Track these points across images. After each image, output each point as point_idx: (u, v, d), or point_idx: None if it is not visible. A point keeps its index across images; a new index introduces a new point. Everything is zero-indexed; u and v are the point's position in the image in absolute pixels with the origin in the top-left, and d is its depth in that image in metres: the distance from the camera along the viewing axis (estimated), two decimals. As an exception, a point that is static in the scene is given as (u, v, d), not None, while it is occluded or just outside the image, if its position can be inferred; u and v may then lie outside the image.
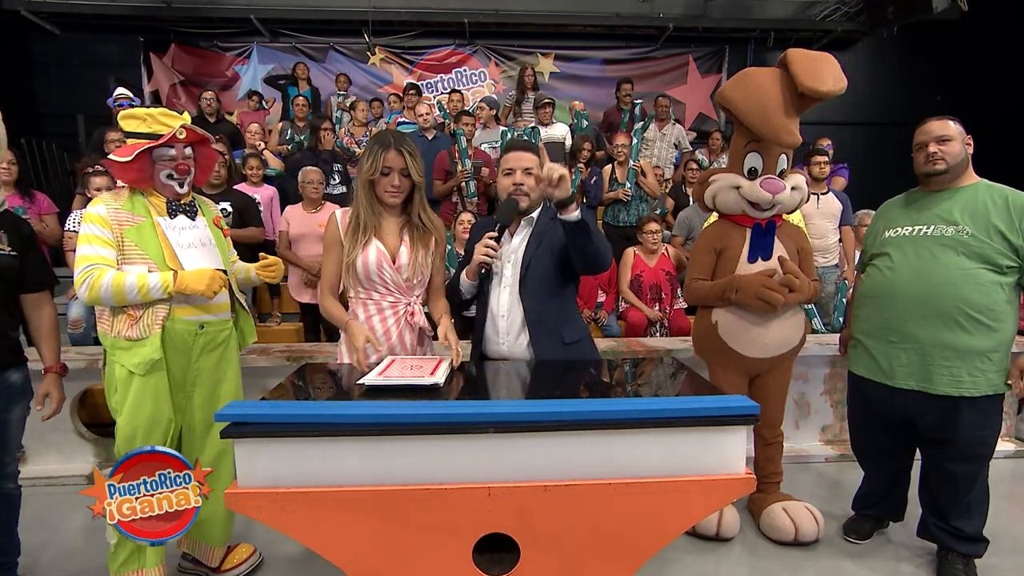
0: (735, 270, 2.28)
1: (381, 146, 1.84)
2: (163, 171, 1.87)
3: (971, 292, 1.91)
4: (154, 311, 1.83)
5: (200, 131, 1.93)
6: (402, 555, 1.35)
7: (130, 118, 1.85)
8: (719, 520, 2.33)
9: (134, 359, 1.82)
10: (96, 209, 1.82)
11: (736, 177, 2.27)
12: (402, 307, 1.94)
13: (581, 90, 7.85)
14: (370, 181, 1.86)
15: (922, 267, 1.99)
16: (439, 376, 1.55)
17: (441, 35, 7.69)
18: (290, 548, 2.31)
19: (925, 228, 2.04)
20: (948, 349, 1.95)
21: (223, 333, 2.01)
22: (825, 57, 2.08)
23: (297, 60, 7.49)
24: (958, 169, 2.03)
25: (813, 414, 3.32)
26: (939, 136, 2.02)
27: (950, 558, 2.11)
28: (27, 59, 7.36)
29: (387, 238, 1.91)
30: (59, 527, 2.52)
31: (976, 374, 1.94)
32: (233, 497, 1.30)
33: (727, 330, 2.30)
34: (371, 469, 1.31)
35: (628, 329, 4.04)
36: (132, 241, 1.83)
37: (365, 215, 1.87)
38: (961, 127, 2.04)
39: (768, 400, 2.36)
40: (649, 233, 4.13)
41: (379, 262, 1.87)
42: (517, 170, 1.95)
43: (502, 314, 1.96)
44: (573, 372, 1.87)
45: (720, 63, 8.05)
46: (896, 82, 8.21)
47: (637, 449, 1.33)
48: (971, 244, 1.93)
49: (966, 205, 1.98)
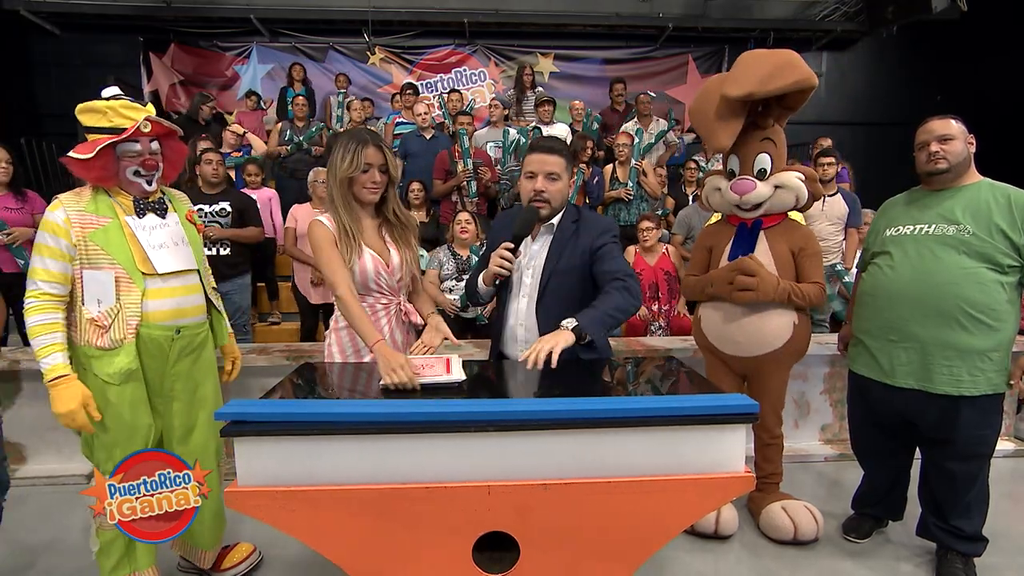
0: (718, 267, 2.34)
1: (358, 142, 1.79)
2: (129, 168, 1.76)
3: (972, 291, 1.91)
4: (125, 319, 1.73)
5: (166, 124, 1.81)
6: (402, 554, 1.35)
7: (89, 112, 1.73)
8: (717, 518, 2.34)
9: (108, 368, 1.73)
10: (54, 215, 1.69)
11: (719, 179, 2.37)
12: (394, 307, 1.95)
13: (581, 90, 7.85)
14: (349, 179, 1.81)
15: (923, 266, 1.99)
16: (456, 373, 1.55)
17: (441, 35, 7.69)
18: (290, 547, 2.31)
19: (927, 227, 2.03)
20: (949, 348, 1.94)
21: (199, 336, 1.93)
22: (768, 56, 2.11)
23: (296, 60, 7.50)
24: (960, 168, 2.02)
25: (813, 414, 3.32)
26: (941, 135, 2.01)
27: (949, 557, 2.11)
28: (27, 59, 7.36)
29: (369, 240, 1.88)
30: (59, 526, 2.51)
31: (976, 373, 1.94)
32: (233, 496, 1.30)
33: (707, 326, 2.40)
34: (371, 468, 1.31)
35: (628, 329, 4.04)
36: (98, 245, 1.71)
37: (347, 220, 1.82)
38: (963, 126, 2.03)
39: (763, 400, 2.34)
40: (643, 231, 4.16)
41: (376, 270, 1.85)
42: (539, 175, 1.85)
43: (520, 323, 1.93)
44: (573, 371, 1.87)
45: (720, 63, 8.05)
46: (896, 82, 8.21)
47: (636, 448, 1.34)
48: (973, 243, 1.92)
49: (968, 204, 1.97)
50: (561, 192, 1.89)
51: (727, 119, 2.15)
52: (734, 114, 2.14)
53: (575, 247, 1.89)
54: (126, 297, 1.74)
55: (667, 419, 1.33)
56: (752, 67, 2.08)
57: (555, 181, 1.86)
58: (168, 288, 1.81)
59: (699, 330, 2.44)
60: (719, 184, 2.34)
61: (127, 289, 1.74)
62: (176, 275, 1.83)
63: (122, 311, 1.74)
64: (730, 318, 2.29)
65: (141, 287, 1.75)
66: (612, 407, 1.35)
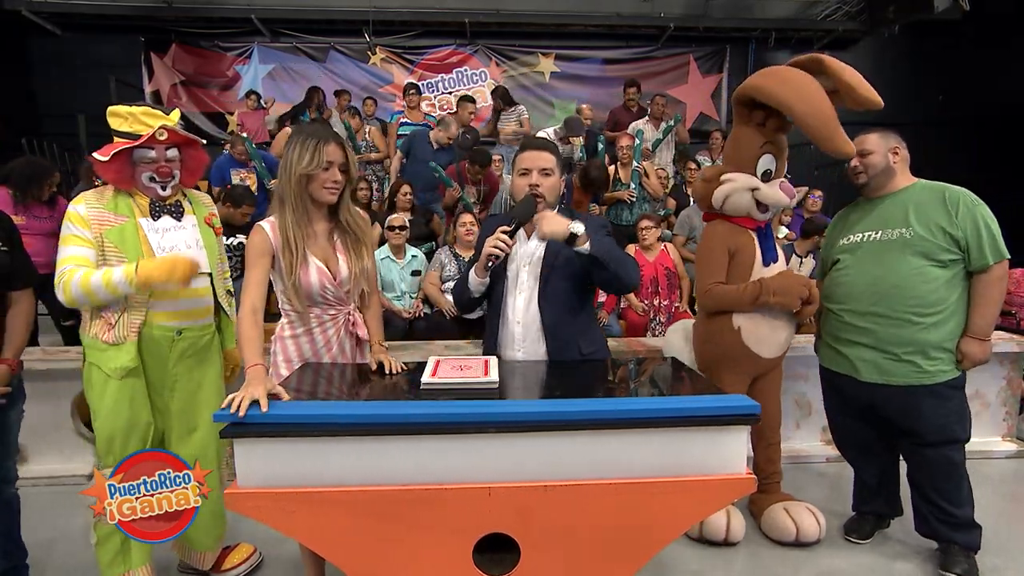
0: (750, 274, 2.26)
1: (319, 138, 1.68)
2: (144, 173, 1.80)
3: (922, 290, 2.03)
4: (129, 318, 1.77)
5: (184, 133, 1.85)
6: (402, 555, 1.35)
7: (115, 115, 1.79)
8: (728, 526, 2.32)
9: (110, 363, 1.78)
10: (76, 208, 1.76)
11: (753, 179, 2.23)
12: (342, 317, 1.84)
13: (582, 90, 7.86)
14: (307, 176, 1.68)
15: (874, 271, 2.11)
16: (492, 375, 1.53)
17: (442, 35, 7.69)
18: (290, 548, 2.31)
19: (873, 233, 2.15)
20: (906, 344, 2.06)
21: (204, 339, 1.93)
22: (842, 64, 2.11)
23: (297, 60, 7.51)
24: (881, 179, 2.15)
25: (813, 414, 3.31)
26: (860, 150, 2.15)
27: (951, 550, 2.14)
28: (28, 59, 7.36)
29: (319, 249, 1.77)
30: (60, 526, 2.52)
31: (933, 363, 2.06)
32: (232, 497, 1.30)
33: (752, 334, 2.27)
34: (371, 469, 1.30)
35: (628, 328, 4.04)
36: (112, 243, 1.76)
37: (295, 226, 1.70)
38: (888, 137, 2.16)
39: (769, 400, 2.35)
40: (642, 230, 4.16)
41: (321, 283, 1.74)
42: (533, 171, 1.87)
43: (518, 320, 1.91)
44: (574, 372, 1.86)
45: (721, 63, 8.05)
46: (897, 82, 8.17)
47: (637, 449, 1.33)
48: (915, 243, 2.04)
49: (905, 207, 2.09)
50: (554, 188, 1.91)
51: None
52: None
53: None
54: (133, 296, 1.77)
55: (669, 420, 1.33)
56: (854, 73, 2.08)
57: (548, 176, 1.88)
58: (174, 290, 1.81)
59: (736, 340, 2.28)
60: (755, 184, 2.21)
61: None
62: None
63: (128, 310, 1.78)
64: (779, 324, 2.28)
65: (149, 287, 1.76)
66: (613, 408, 1.35)
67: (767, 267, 2.28)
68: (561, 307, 1.86)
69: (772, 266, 2.29)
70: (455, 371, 1.58)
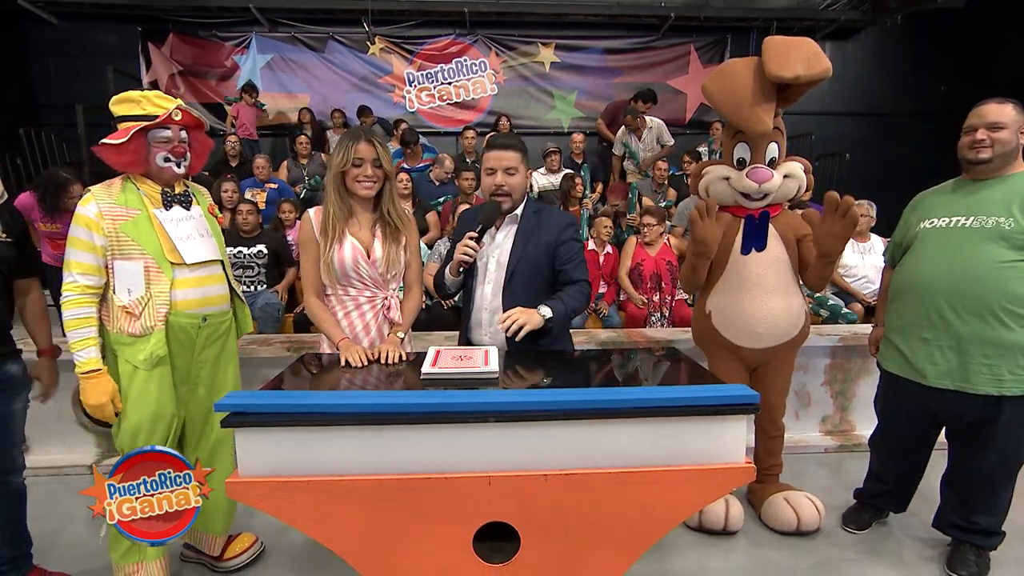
0: (727, 259, 2.28)
1: (351, 139, 1.85)
2: (159, 153, 1.83)
3: (1014, 285, 1.82)
4: (155, 307, 1.81)
5: (196, 114, 1.92)
6: (403, 543, 1.36)
7: (125, 101, 1.82)
8: (726, 514, 2.33)
9: (138, 355, 1.80)
10: (86, 210, 1.76)
11: (725, 168, 2.29)
12: (379, 301, 1.96)
13: (582, 80, 7.81)
14: (342, 174, 1.87)
15: (961, 260, 1.89)
16: (492, 364, 1.55)
17: (441, 24, 7.63)
18: (292, 537, 2.32)
19: (963, 219, 1.93)
20: (989, 345, 1.86)
21: (224, 324, 2.00)
22: (800, 42, 2.05)
23: (296, 50, 7.45)
24: (1007, 159, 1.91)
25: (813, 405, 3.33)
26: (991, 122, 1.89)
27: (962, 548, 2.09)
28: (25, 49, 7.30)
29: (360, 233, 1.92)
30: (63, 516, 2.53)
31: (1018, 371, 1.86)
32: (234, 486, 1.31)
33: (720, 319, 2.30)
34: (372, 458, 1.31)
35: (628, 320, 4.04)
36: (129, 236, 1.78)
37: (336, 211, 1.87)
38: (1021, 113, 1.91)
39: (768, 393, 2.34)
40: (646, 226, 4.17)
41: (355, 258, 1.88)
42: (498, 170, 1.96)
43: (484, 307, 2.01)
44: (575, 361, 1.87)
45: (722, 53, 7.98)
46: (900, 71, 8.14)
47: (637, 438, 1.33)
48: (1013, 236, 1.83)
49: (1009, 195, 1.88)
50: (520, 185, 1.99)
51: (762, 103, 2.07)
52: (767, 98, 2.08)
53: (539, 237, 1.98)
54: (155, 286, 1.81)
55: (668, 410, 1.33)
56: (794, 49, 2.00)
57: (513, 175, 1.96)
58: (195, 278, 1.88)
59: (708, 324, 2.33)
60: (726, 173, 2.26)
61: (156, 279, 1.81)
62: (202, 265, 1.91)
63: (152, 300, 1.81)
64: (748, 310, 2.22)
65: (170, 276, 1.83)
66: (613, 398, 1.35)
67: (745, 255, 2.25)
68: (522, 297, 1.93)
69: (752, 254, 2.24)
70: (455, 361, 1.58)
